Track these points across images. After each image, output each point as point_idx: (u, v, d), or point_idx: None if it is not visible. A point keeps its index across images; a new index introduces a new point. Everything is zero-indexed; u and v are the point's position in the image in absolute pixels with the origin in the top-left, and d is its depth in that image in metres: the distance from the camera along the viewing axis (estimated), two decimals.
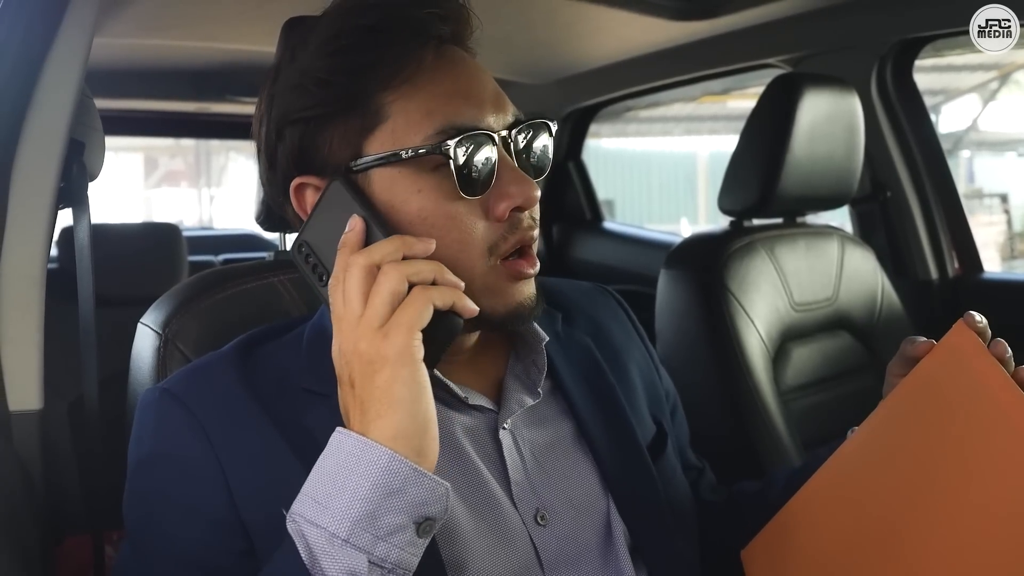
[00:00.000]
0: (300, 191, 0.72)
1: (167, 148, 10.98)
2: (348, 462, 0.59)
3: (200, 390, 0.70)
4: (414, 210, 0.67)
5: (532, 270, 0.71)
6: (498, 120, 0.69)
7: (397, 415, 0.59)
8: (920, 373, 0.71)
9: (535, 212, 0.72)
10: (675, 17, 1.66)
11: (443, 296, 0.61)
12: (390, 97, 0.68)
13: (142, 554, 0.68)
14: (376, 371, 0.60)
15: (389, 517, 0.58)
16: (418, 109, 0.67)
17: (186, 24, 1.67)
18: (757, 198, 1.45)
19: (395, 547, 0.58)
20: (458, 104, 0.68)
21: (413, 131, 0.67)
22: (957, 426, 0.66)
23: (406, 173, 0.67)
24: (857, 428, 0.76)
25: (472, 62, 0.72)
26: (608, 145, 9.23)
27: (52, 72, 0.89)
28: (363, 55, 0.68)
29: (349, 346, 0.61)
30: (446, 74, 0.69)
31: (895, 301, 1.60)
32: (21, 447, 0.88)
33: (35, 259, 0.91)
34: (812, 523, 0.74)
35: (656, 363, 0.93)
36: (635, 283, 2.21)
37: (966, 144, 7.08)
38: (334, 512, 0.57)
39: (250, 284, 0.90)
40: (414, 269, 0.61)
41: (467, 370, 0.76)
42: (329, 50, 0.69)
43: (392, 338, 0.59)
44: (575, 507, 0.75)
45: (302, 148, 0.71)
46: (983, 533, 0.61)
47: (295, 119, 0.70)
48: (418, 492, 0.59)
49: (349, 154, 0.69)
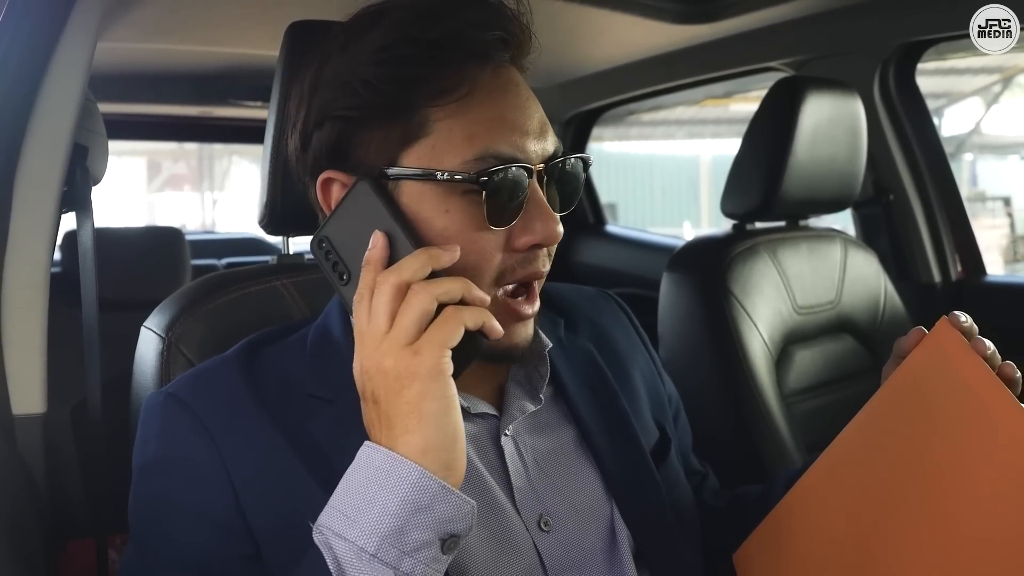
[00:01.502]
0: (327, 185, 0.72)
1: (170, 152, 11.00)
2: (378, 477, 0.59)
3: (204, 394, 0.70)
4: (438, 229, 0.67)
5: (532, 310, 0.71)
6: (538, 152, 0.68)
7: (426, 430, 0.59)
8: (905, 371, 0.71)
9: (552, 249, 0.71)
10: (677, 21, 1.66)
11: (474, 317, 0.61)
12: (436, 114, 0.67)
13: (147, 558, 0.68)
14: (404, 387, 0.59)
15: (416, 533, 0.58)
16: (462, 131, 0.66)
17: (189, 29, 1.68)
18: (760, 201, 1.45)
19: (420, 563, 0.58)
20: (502, 131, 0.67)
21: (453, 151, 0.66)
22: (943, 422, 0.66)
23: (437, 192, 0.67)
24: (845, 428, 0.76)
25: (524, 88, 0.71)
26: (611, 148, 9.23)
27: (56, 77, 0.90)
28: (418, 68, 0.66)
29: (372, 363, 0.61)
30: (496, 100, 0.68)
31: (898, 304, 1.59)
32: (25, 451, 0.88)
33: (39, 263, 0.91)
34: (803, 523, 0.74)
35: (659, 368, 0.93)
36: (638, 286, 2.21)
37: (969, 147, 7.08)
38: (363, 526, 0.58)
39: (253, 288, 0.90)
40: (443, 289, 0.61)
41: (469, 376, 0.75)
42: (385, 56, 0.67)
43: (424, 355, 0.59)
44: (578, 513, 0.75)
45: (338, 144, 0.70)
46: (970, 527, 0.62)
47: (337, 115, 0.69)
48: (445, 509, 0.59)
49: (385, 160, 0.68)
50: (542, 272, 0.71)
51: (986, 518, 0.61)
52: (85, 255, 1.01)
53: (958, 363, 0.67)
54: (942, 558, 0.63)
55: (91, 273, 1.01)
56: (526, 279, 0.70)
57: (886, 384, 0.73)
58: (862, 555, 0.68)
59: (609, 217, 2.70)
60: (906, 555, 0.65)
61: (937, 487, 0.64)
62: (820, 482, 0.75)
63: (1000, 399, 0.63)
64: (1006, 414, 0.62)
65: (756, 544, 0.79)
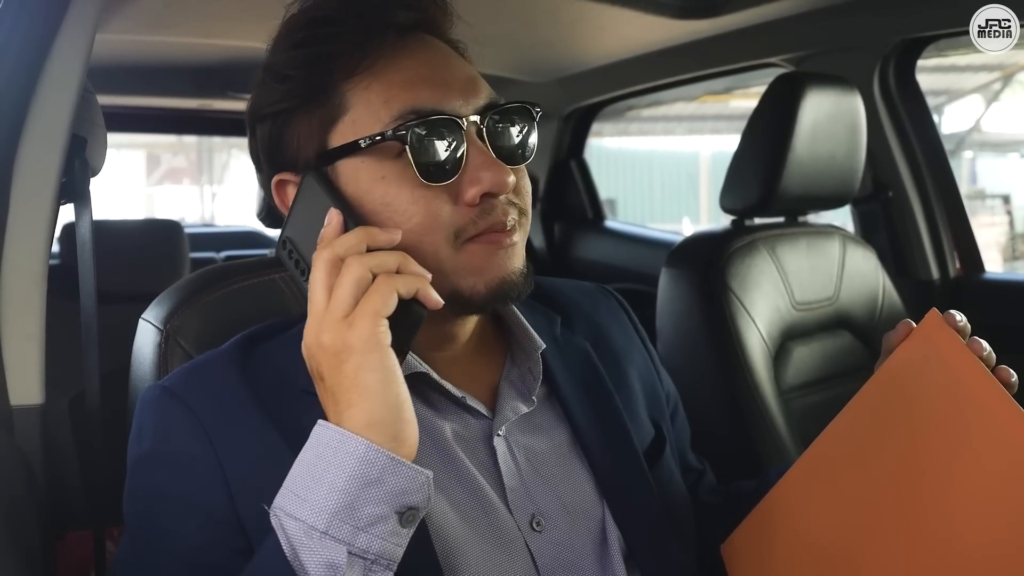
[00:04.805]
0: (280, 188, 0.73)
1: (169, 145, 10.99)
2: (325, 453, 0.59)
3: (200, 388, 0.70)
4: (378, 198, 0.67)
5: (508, 239, 0.69)
6: (468, 105, 0.68)
7: (367, 402, 0.59)
8: (893, 363, 0.71)
9: (520, 197, 0.70)
10: (677, 16, 1.65)
11: (407, 284, 0.61)
12: (351, 88, 0.67)
13: (141, 550, 0.68)
14: (343, 361, 0.59)
15: (369, 508, 0.57)
16: (377, 97, 0.67)
17: (188, 20, 1.67)
18: (759, 197, 1.45)
19: (377, 537, 0.58)
20: (418, 89, 0.67)
21: (373, 119, 0.67)
22: (932, 415, 0.66)
23: (369, 162, 0.67)
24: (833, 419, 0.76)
25: (440, 47, 0.71)
26: (610, 144, 9.22)
27: (54, 68, 0.89)
28: (319, 47, 0.67)
29: (313, 340, 0.61)
30: (407, 60, 0.68)
31: (896, 301, 1.59)
32: (22, 442, 0.88)
33: (37, 255, 0.91)
34: (791, 515, 0.75)
35: (657, 365, 0.93)
36: (636, 282, 2.22)
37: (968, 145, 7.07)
38: (312, 504, 0.57)
39: (251, 281, 0.90)
40: (377, 260, 0.61)
41: (462, 375, 0.75)
42: (288, 44, 0.69)
43: (357, 327, 0.59)
44: (570, 513, 0.75)
45: (272, 144, 0.71)
46: (959, 518, 0.62)
47: (263, 115, 0.71)
48: (397, 481, 0.58)
49: (315, 148, 0.69)
50: (503, 222, 0.68)
51: (975, 509, 0.61)
52: (83, 247, 1.01)
53: (948, 356, 0.67)
54: (928, 551, 0.63)
55: (89, 265, 1.01)
56: (488, 230, 0.68)
57: (874, 376, 0.73)
58: (848, 547, 0.68)
59: (608, 213, 2.70)
60: (892, 547, 0.65)
61: (926, 479, 0.65)
62: (808, 474, 0.75)
63: (991, 392, 0.63)
64: (997, 407, 0.62)
65: (743, 536, 0.79)
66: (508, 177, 0.67)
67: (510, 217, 0.69)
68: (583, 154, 2.64)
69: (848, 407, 0.74)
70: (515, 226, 0.70)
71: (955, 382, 0.65)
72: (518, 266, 0.70)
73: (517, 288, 0.70)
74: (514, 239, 0.70)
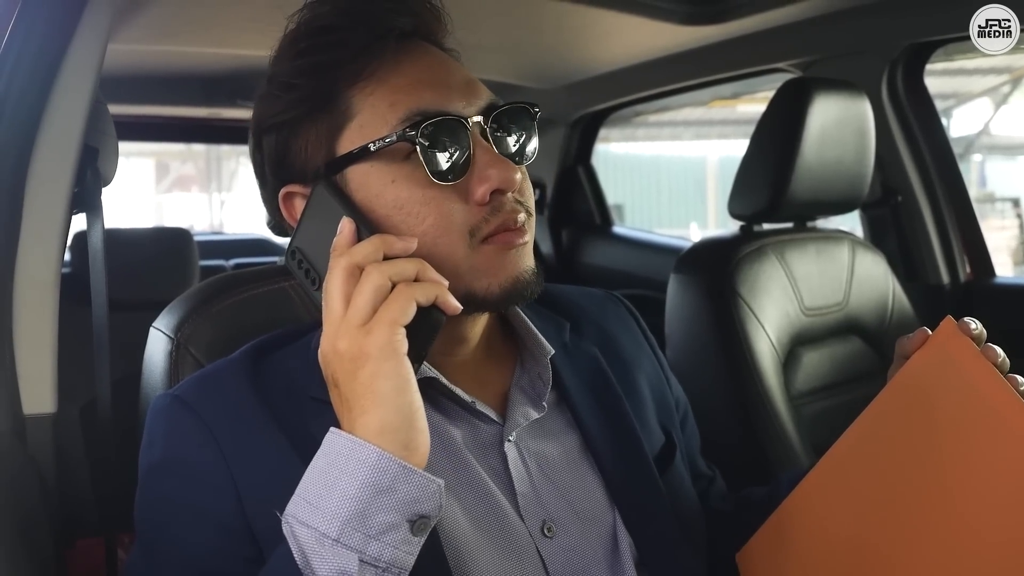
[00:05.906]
0: (288, 200, 0.73)
1: (179, 153, 11.05)
2: (338, 461, 0.59)
3: (210, 397, 0.70)
4: (390, 201, 0.67)
5: (521, 239, 0.69)
6: (470, 106, 0.69)
7: (381, 410, 0.59)
8: (909, 371, 0.71)
9: (524, 197, 0.71)
10: (684, 22, 1.66)
11: (426, 292, 0.61)
12: (355, 93, 0.68)
13: (152, 558, 0.68)
14: (358, 368, 0.59)
15: (380, 516, 0.57)
16: (383, 101, 0.68)
17: (198, 30, 1.69)
18: (767, 202, 1.45)
19: (388, 546, 0.58)
20: (422, 92, 0.68)
21: (381, 123, 0.67)
22: (948, 422, 0.66)
23: (379, 166, 0.67)
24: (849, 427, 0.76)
25: (438, 53, 0.72)
26: (617, 149, 9.22)
27: (66, 79, 0.90)
28: (323, 55, 0.68)
29: (329, 347, 0.61)
30: (409, 65, 0.69)
31: (906, 306, 1.59)
32: (35, 450, 0.89)
33: (49, 264, 0.91)
34: (807, 523, 0.74)
35: (666, 371, 0.93)
36: (644, 288, 2.21)
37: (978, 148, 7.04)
38: (324, 512, 0.57)
39: (261, 289, 0.91)
40: (396, 268, 0.61)
41: (471, 380, 0.75)
42: (292, 54, 0.70)
43: (375, 334, 0.59)
44: (581, 519, 0.75)
45: (279, 155, 0.71)
46: (976, 526, 0.61)
47: (268, 127, 0.71)
48: (409, 490, 0.58)
49: (323, 156, 0.69)
50: (514, 219, 0.69)
51: (993, 518, 0.61)
52: (95, 256, 1.02)
53: (963, 363, 0.66)
54: (946, 559, 0.62)
55: (101, 274, 1.02)
56: (501, 228, 0.68)
57: (890, 384, 0.73)
58: (864, 556, 0.68)
59: (616, 218, 2.70)
60: (909, 556, 0.65)
61: (942, 487, 0.64)
62: (824, 482, 0.74)
63: (1007, 400, 0.63)
64: (1013, 415, 0.62)
65: (759, 544, 0.79)
66: (515, 174, 0.68)
67: (520, 215, 0.70)
68: (591, 160, 2.64)
69: (863, 415, 0.73)
70: (525, 225, 0.71)
71: (970, 390, 0.65)
72: (530, 265, 0.71)
73: (530, 287, 0.70)
74: (526, 238, 0.70)
